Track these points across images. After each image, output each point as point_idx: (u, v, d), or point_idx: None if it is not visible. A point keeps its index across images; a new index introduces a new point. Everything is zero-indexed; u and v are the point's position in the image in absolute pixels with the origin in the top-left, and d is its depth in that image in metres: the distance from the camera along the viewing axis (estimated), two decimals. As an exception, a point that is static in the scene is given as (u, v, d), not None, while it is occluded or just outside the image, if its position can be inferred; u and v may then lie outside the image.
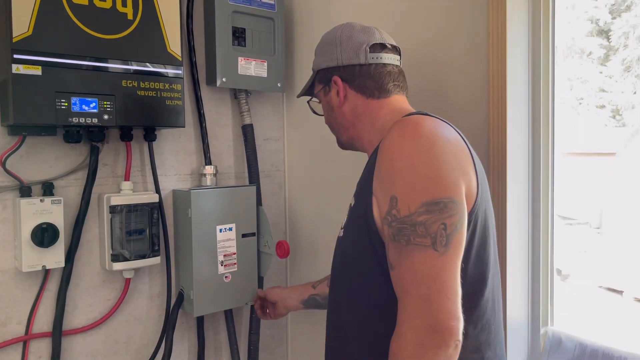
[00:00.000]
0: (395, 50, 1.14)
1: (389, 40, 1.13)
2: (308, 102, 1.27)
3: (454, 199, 0.87)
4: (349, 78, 1.11)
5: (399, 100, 1.12)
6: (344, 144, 1.21)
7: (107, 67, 1.35)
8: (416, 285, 0.84)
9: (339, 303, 1.08)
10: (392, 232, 0.88)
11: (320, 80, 1.17)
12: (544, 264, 1.30)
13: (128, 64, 1.38)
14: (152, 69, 1.42)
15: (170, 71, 1.45)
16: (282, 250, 1.61)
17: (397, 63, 1.13)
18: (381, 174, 0.94)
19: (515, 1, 1.24)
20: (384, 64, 1.10)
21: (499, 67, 1.24)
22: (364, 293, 1.00)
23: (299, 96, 1.30)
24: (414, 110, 1.08)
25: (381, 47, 1.11)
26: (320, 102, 1.22)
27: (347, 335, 1.04)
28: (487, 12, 1.26)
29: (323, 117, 1.23)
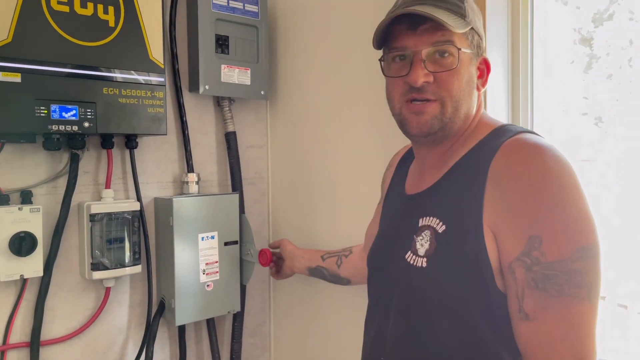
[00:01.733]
0: None
1: None
2: (444, 43, 0.87)
3: (599, 244, 0.78)
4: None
5: None
6: (446, 131, 0.92)
7: (88, 75, 1.33)
8: (569, 342, 0.75)
9: (423, 349, 0.90)
10: (532, 277, 0.76)
11: (472, 44, 0.90)
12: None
13: (109, 72, 1.37)
14: (133, 76, 1.41)
15: (152, 79, 1.44)
16: (265, 258, 1.61)
17: None
18: (513, 207, 0.79)
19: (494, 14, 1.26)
20: None
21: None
22: (465, 341, 0.84)
23: (450, 26, 0.85)
24: (497, 120, 0.96)
25: None
26: (447, 59, 0.88)
27: None
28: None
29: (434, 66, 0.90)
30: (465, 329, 0.84)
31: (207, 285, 1.60)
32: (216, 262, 1.62)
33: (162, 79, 1.46)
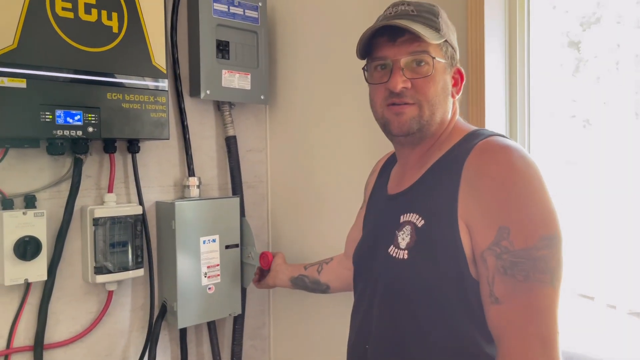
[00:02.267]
0: None
1: None
2: (424, 53, 0.95)
3: (561, 234, 0.85)
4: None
5: None
6: (423, 132, 0.99)
7: (92, 80, 1.35)
8: (533, 323, 0.81)
9: (406, 335, 0.96)
10: (501, 264, 0.84)
11: (446, 54, 0.98)
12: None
13: (113, 77, 1.38)
14: (137, 81, 1.42)
15: (155, 84, 1.46)
16: (266, 261, 1.63)
17: None
18: (484, 201, 0.86)
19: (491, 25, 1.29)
20: None
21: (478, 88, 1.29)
22: (444, 326, 0.91)
23: (427, 38, 0.93)
24: (472, 126, 1.04)
25: None
26: (423, 67, 0.95)
27: None
28: (466, 32, 1.31)
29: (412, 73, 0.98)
30: (445, 316, 0.91)
31: (209, 288, 1.62)
32: (217, 265, 1.63)
33: (165, 84, 1.48)
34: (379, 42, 0.98)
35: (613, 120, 1.29)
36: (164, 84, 1.47)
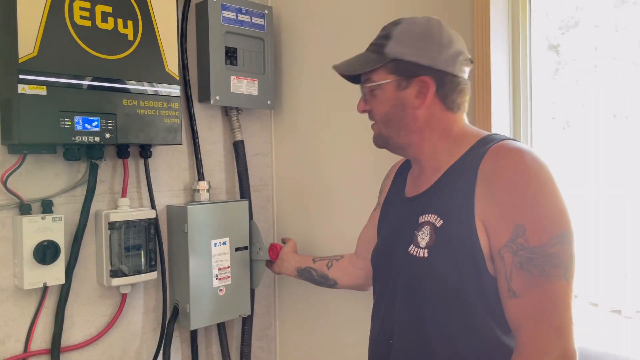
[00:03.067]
0: (471, 64, 1.10)
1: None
2: (363, 86, 1.10)
3: (573, 230, 0.91)
4: (440, 84, 1.03)
5: (464, 118, 1.10)
6: (391, 145, 1.11)
7: (109, 87, 1.37)
8: (549, 314, 0.87)
9: (428, 329, 1.01)
10: (519, 260, 0.89)
11: (397, 72, 1.04)
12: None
13: (129, 84, 1.41)
14: (151, 88, 1.45)
15: (168, 90, 1.49)
16: (275, 252, 1.67)
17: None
18: (500, 201, 0.92)
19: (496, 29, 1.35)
20: (467, 80, 1.07)
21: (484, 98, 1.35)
22: (463, 319, 0.97)
23: (347, 72, 1.12)
24: (484, 131, 1.08)
25: (470, 62, 1.07)
26: (375, 91, 1.08)
27: None
28: (472, 34, 1.37)
29: (359, 105, 1.13)
30: (464, 311, 0.96)
31: (220, 290, 1.65)
32: (228, 267, 1.67)
33: (177, 91, 1.51)
34: None
35: (592, 121, 1.33)
36: (177, 90, 1.51)
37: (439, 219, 1.00)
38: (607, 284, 1.33)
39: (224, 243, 1.66)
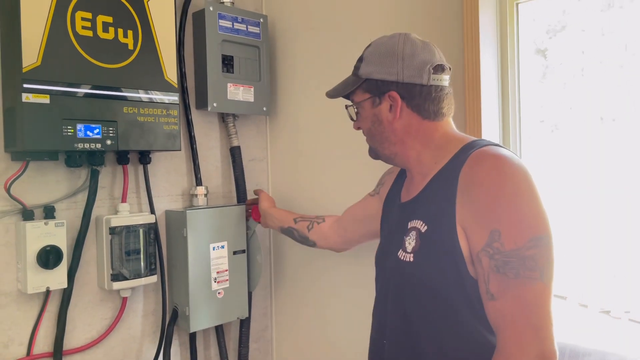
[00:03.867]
0: (450, 70, 1.13)
1: (445, 61, 1.12)
2: (347, 107, 1.20)
3: (551, 233, 0.93)
4: (408, 96, 1.08)
5: (449, 123, 1.13)
6: (381, 157, 1.18)
7: (110, 95, 1.41)
8: (525, 315, 0.89)
9: (417, 329, 1.06)
10: (495, 264, 0.92)
11: (370, 90, 1.12)
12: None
13: (129, 92, 1.44)
14: (151, 95, 1.49)
15: (167, 97, 1.52)
16: (257, 213, 1.74)
17: (449, 84, 1.13)
18: (478, 207, 0.95)
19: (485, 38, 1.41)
20: (442, 87, 1.10)
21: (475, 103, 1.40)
22: (449, 320, 1.01)
23: (333, 96, 1.21)
24: (470, 136, 1.11)
25: (441, 69, 1.10)
26: (357, 109, 1.17)
27: None
28: (463, 46, 1.42)
29: (353, 123, 1.21)
30: (449, 312, 1.00)
31: (218, 293, 1.68)
32: (226, 270, 1.70)
33: (176, 98, 1.54)
34: None
35: (579, 124, 1.36)
36: (175, 97, 1.54)
37: (424, 224, 1.05)
38: (596, 285, 1.36)
39: (222, 247, 1.70)
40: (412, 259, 1.05)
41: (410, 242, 1.06)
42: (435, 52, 1.11)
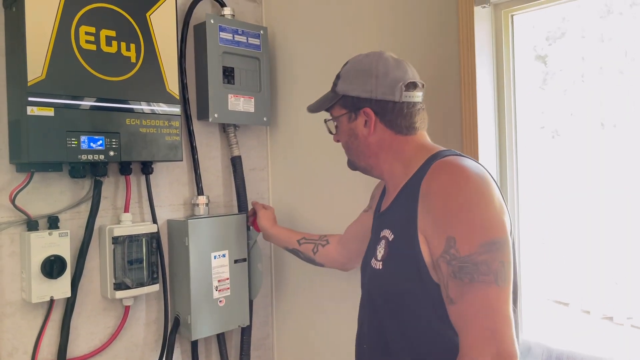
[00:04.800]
0: (422, 87, 1.18)
1: (418, 78, 1.17)
2: (326, 121, 1.27)
3: (505, 237, 0.97)
4: (381, 112, 1.14)
5: (422, 136, 1.18)
6: (358, 168, 1.25)
7: (113, 107, 1.44)
8: (481, 318, 0.92)
9: (389, 333, 1.11)
10: (451, 270, 0.96)
11: (346, 106, 1.18)
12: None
13: (132, 104, 1.47)
14: (153, 107, 1.52)
15: (169, 109, 1.55)
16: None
17: (421, 100, 1.18)
18: (435, 215, 1.00)
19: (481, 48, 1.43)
20: (414, 103, 1.15)
21: (471, 107, 1.42)
22: (418, 323, 1.05)
23: (313, 111, 1.28)
24: (440, 147, 1.15)
25: (414, 86, 1.14)
26: (337, 123, 1.23)
27: None
28: (458, 55, 1.45)
29: (332, 136, 1.28)
30: (416, 316, 1.05)
31: (220, 301, 1.70)
32: (227, 279, 1.72)
33: (178, 110, 1.57)
34: None
35: (580, 130, 1.38)
36: (177, 109, 1.57)
37: (391, 233, 1.10)
38: (598, 291, 1.37)
39: (224, 255, 1.72)
40: (381, 267, 1.11)
41: (380, 251, 1.12)
42: (408, 70, 1.15)
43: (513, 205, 1.47)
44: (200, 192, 1.77)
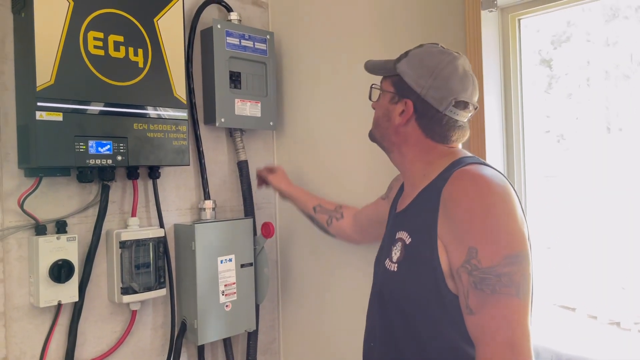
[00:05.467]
0: (474, 109, 1.14)
1: (474, 100, 1.13)
2: (372, 86, 1.24)
3: (527, 251, 0.96)
4: (421, 112, 1.11)
5: (454, 147, 1.15)
6: (378, 144, 1.23)
7: (120, 112, 1.44)
8: (502, 331, 0.92)
9: (400, 335, 1.10)
10: (473, 280, 0.95)
11: (396, 86, 1.15)
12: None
13: (139, 109, 1.48)
14: (160, 112, 1.52)
15: (176, 113, 1.56)
16: (268, 230, 1.76)
17: (467, 120, 1.15)
18: (456, 224, 0.98)
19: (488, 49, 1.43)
20: (456, 119, 1.11)
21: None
22: (429, 329, 1.04)
23: (369, 70, 1.23)
24: (464, 152, 1.13)
25: (464, 105, 1.10)
26: (380, 94, 1.20)
27: None
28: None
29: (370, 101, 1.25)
30: (429, 320, 1.04)
31: (226, 306, 1.70)
32: (234, 283, 1.72)
33: (185, 114, 1.58)
34: None
35: (586, 134, 1.38)
36: (184, 113, 1.57)
37: (408, 236, 1.09)
38: (605, 296, 1.36)
39: (230, 260, 1.72)
40: (396, 269, 1.10)
41: (396, 252, 1.11)
42: (469, 87, 1.11)
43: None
44: (207, 196, 1.77)
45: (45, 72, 1.31)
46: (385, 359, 1.15)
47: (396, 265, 1.10)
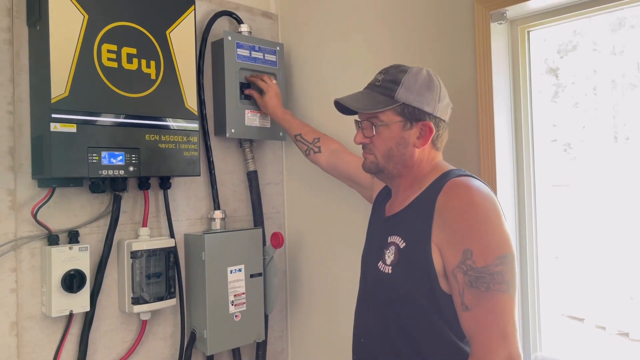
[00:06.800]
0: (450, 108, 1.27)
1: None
2: (360, 122, 1.26)
3: (514, 252, 1.07)
4: (435, 128, 1.20)
5: (440, 154, 1.27)
6: (385, 173, 1.25)
7: (133, 123, 1.46)
8: (496, 324, 1.02)
9: (393, 333, 1.18)
10: (468, 279, 1.05)
11: (403, 114, 1.19)
12: (531, 297, 1.46)
13: (151, 120, 1.49)
14: (172, 123, 1.53)
15: (187, 125, 1.57)
16: (277, 240, 1.77)
17: None
18: (452, 229, 1.08)
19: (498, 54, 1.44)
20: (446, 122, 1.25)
21: (488, 122, 1.43)
22: (422, 327, 1.13)
23: (360, 109, 1.23)
24: (449, 166, 1.23)
25: (451, 109, 1.26)
26: (380, 128, 1.21)
27: None
28: (475, 70, 1.46)
29: (355, 136, 1.27)
30: (423, 319, 1.13)
31: (236, 316, 1.70)
32: (243, 293, 1.72)
33: (196, 125, 1.59)
34: None
35: (593, 143, 1.37)
36: (195, 124, 1.59)
37: (402, 241, 1.17)
38: (613, 307, 1.36)
39: (240, 270, 1.72)
40: (390, 271, 1.18)
41: (389, 256, 1.19)
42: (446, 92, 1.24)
43: (531, 220, 1.47)
44: (216, 206, 1.78)
45: (60, 84, 1.33)
46: (378, 354, 1.21)
47: (390, 267, 1.17)
